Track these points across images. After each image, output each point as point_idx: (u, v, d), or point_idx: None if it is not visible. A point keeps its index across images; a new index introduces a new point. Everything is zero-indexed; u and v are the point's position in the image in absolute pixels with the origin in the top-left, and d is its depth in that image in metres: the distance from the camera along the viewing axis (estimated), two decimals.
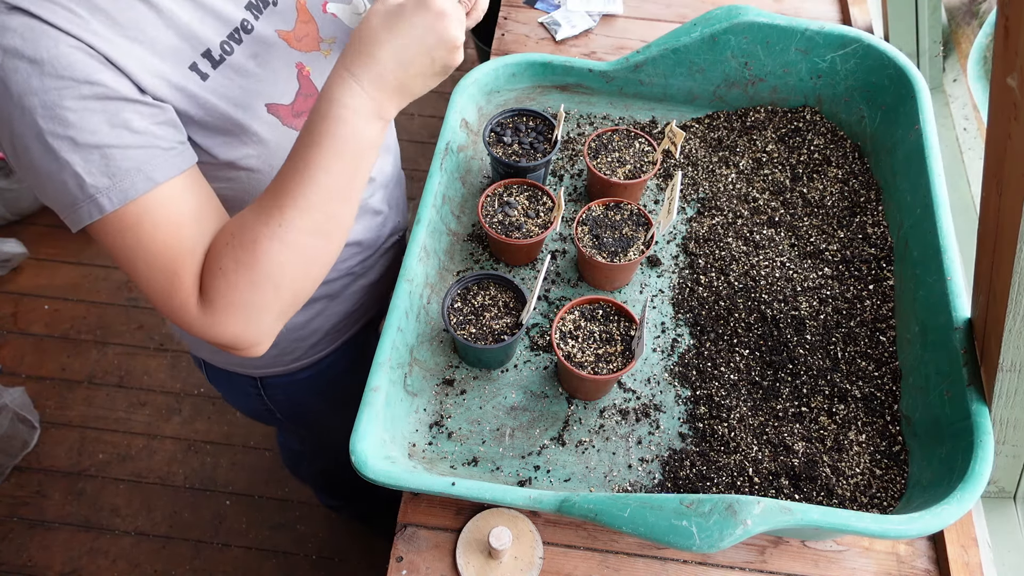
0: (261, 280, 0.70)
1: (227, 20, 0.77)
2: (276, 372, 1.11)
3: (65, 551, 1.92)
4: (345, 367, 1.19)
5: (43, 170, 0.66)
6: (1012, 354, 0.83)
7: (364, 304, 1.13)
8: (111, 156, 0.66)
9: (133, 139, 0.67)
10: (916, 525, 0.76)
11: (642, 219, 1.07)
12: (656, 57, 1.21)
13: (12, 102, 0.64)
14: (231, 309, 0.71)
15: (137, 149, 0.68)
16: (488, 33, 2.26)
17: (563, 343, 0.95)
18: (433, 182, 1.08)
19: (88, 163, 0.66)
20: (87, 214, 0.68)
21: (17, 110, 0.64)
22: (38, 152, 0.65)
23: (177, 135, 0.72)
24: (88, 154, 0.66)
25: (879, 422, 0.95)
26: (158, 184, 0.69)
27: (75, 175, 0.66)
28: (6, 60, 0.63)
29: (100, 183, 0.67)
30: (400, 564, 0.89)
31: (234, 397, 1.22)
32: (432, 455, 0.93)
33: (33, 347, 2.24)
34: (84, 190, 0.67)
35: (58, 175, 0.66)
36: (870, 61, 1.17)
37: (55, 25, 0.64)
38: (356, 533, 1.96)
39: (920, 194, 1.04)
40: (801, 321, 1.03)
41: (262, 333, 0.74)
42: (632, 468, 0.93)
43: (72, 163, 0.65)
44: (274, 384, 1.14)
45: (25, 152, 0.66)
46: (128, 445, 2.08)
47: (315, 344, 1.10)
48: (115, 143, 0.66)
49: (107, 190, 0.67)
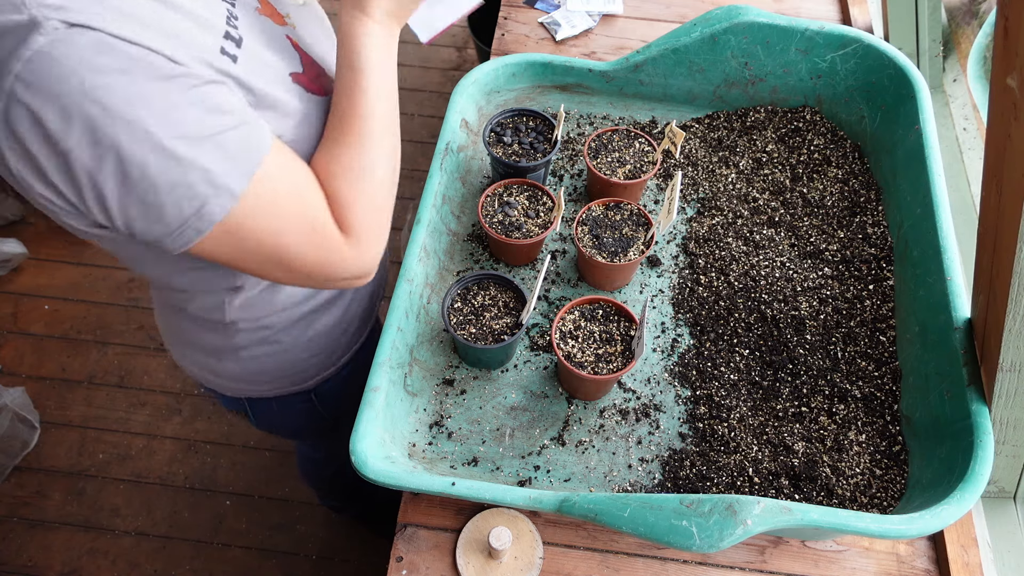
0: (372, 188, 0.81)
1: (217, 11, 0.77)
2: (327, 375, 1.11)
3: (65, 551, 1.92)
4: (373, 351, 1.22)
5: (164, 182, 0.64)
6: (1012, 354, 0.83)
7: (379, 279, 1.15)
8: (223, 141, 0.67)
9: (230, 119, 0.68)
10: (916, 525, 0.76)
11: (642, 219, 1.07)
12: (656, 57, 1.21)
13: (117, 121, 0.60)
14: (369, 226, 0.81)
15: (236, 128, 0.68)
16: (488, 33, 2.26)
17: (563, 343, 0.95)
18: (433, 182, 1.08)
19: (209, 153, 0.65)
20: (220, 208, 0.67)
21: (124, 127, 0.61)
22: (156, 163, 0.63)
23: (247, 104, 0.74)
24: (205, 146, 0.65)
25: (879, 422, 0.95)
26: (266, 153, 0.71)
27: (202, 169, 0.65)
28: (95, 79, 0.59)
29: (226, 168, 0.67)
30: (400, 564, 0.89)
31: (284, 421, 1.20)
32: (432, 455, 0.93)
33: (33, 347, 2.24)
34: (213, 182, 0.66)
35: (183, 179, 0.64)
36: (870, 61, 1.18)
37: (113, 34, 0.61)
38: (356, 533, 1.96)
39: (920, 194, 1.04)
40: (801, 321, 1.03)
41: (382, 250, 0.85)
42: (632, 468, 0.93)
43: (195, 159, 0.64)
44: (325, 390, 1.14)
45: (141, 171, 0.63)
46: (128, 445, 2.08)
47: (353, 333, 1.11)
48: (219, 128, 0.67)
49: (235, 173, 0.67)
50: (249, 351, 1.00)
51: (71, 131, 0.60)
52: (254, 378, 1.06)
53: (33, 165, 0.63)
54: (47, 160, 0.62)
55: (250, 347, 0.99)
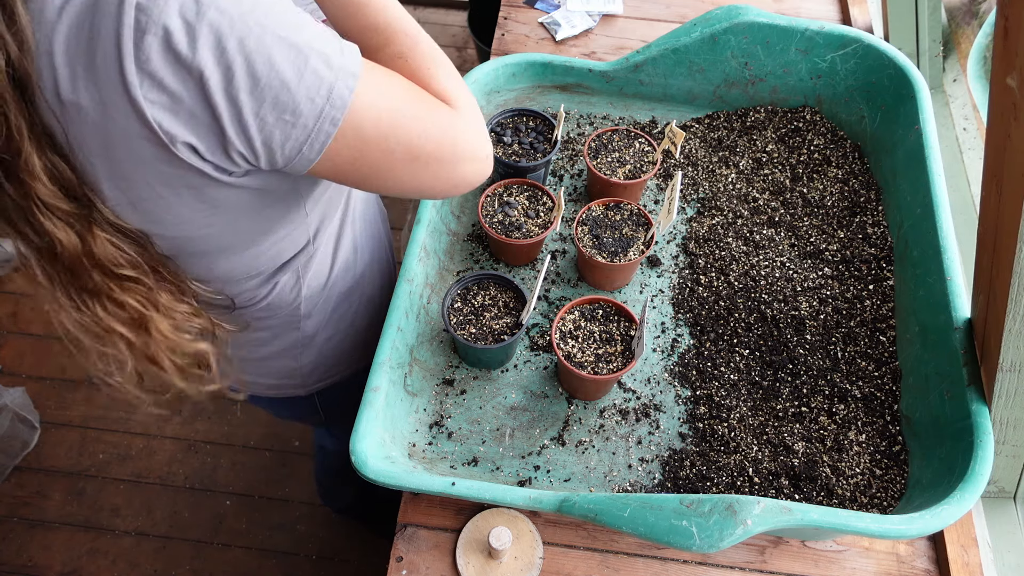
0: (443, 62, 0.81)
1: None
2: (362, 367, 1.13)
3: (65, 551, 1.92)
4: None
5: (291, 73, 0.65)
6: (1012, 354, 0.83)
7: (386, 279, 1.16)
8: (326, 34, 0.69)
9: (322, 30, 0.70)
10: (916, 525, 0.76)
11: (642, 219, 1.07)
12: (656, 57, 1.21)
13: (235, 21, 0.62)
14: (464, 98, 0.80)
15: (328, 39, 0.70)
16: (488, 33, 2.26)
17: (563, 343, 0.95)
18: None
19: (319, 41, 0.67)
20: (346, 88, 0.68)
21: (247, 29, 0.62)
22: (281, 54, 0.64)
23: None
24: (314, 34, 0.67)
25: (879, 422, 0.95)
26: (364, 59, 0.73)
27: (320, 54, 0.66)
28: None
29: (336, 49, 0.68)
30: (400, 564, 0.89)
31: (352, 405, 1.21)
32: (432, 455, 0.93)
33: (33, 347, 2.24)
34: (332, 64, 0.67)
35: (306, 65, 0.66)
36: (870, 61, 1.18)
37: None
38: (356, 533, 1.96)
39: (920, 194, 1.04)
40: (801, 321, 1.03)
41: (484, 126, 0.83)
42: (632, 468, 0.93)
43: (312, 44, 0.66)
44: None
45: (268, 66, 0.64)
46: (128, 445, 2.08)
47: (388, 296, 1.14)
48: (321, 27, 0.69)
49: (347, 53, 0.69)
50: (321, 335, 1.03)
51: (199, 44, 0.61)
52: (329, 363, 1.09)
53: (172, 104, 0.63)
54: (184, 90, 0.63)
55: (321, 331, 1.02)
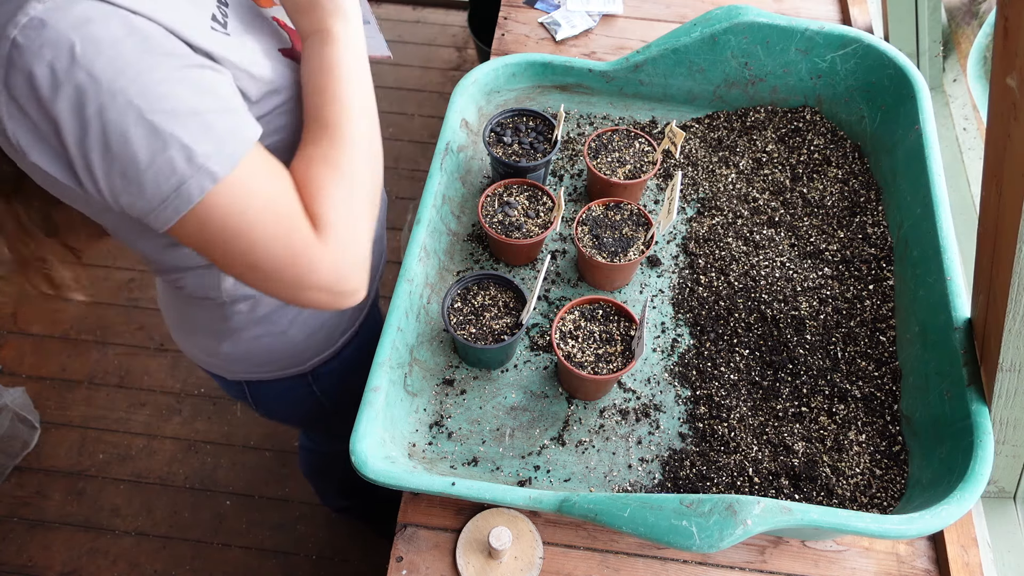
0: (352, 186, 0.77)
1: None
2: (326, 357, 1.12)
3: (65, 551, 1.92)
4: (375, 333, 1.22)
5: (144, 157, 0.64)
6: (1012, 354, 0.83)
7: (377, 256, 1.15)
8: (210, 122, 0.66)
9: (221, 103, 0.68)
10: (916, 525, 0.76)
11: (642, 219, 1.07)
12: (656, 57, 1.21)
13: (102, 91, 0.61)
14: (344, 223, 0.76)
15: (226, 112, 0.68)
16: (488, 33, 2.26)
17: (563, 343, 0.95)
18: (433, 182, 1.08)
19: (191, 132, 0.65)
20: (198, 189, 0.66)
21: (108, 98, 0.62)
22: (138, 135, 0.63)
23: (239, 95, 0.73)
24: (189, 122, 0.65)
25: (879, 422, 0.95)
26: (253, 144, 0.70)
27: (182, 147, 0.64)
28: (85, 48, 0.60)
29: (208, 150, 0.66)
30: (400, 564, 0.89)
31: (283, 407, 1.22)
32: (432, 455, 0.93)
33: (33, 347, 2.24)
34: (193, 161, 0.65)
35: (162, 155, 0.64)
36: (870, 61, 1.18)
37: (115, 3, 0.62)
38: (356, 533, 1.96)
39: (920, 194, 1.04)
40: (801, 321, 1.03)
41: (366, 255, 0.79)
42: (632, 468, 0.93)
43: (177, 135, 0.64)
44: (323, 373, 1.15)
45: (122, 142, 0.63)
46: (128, 445, 2.08)
47: (350, 315, 1.12)
48: (210, 109, 0.66)
49: (216, 156, 0.66)
50: (247, 332, 1.01)
51: (60, 96, 0.61)
52: (253, 359, 1.06)
53: (29, 130, 0.63)
54: (41, 124, 0.63)
55: (247, 328, 1.00)
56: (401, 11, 3.13)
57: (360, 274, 0.78)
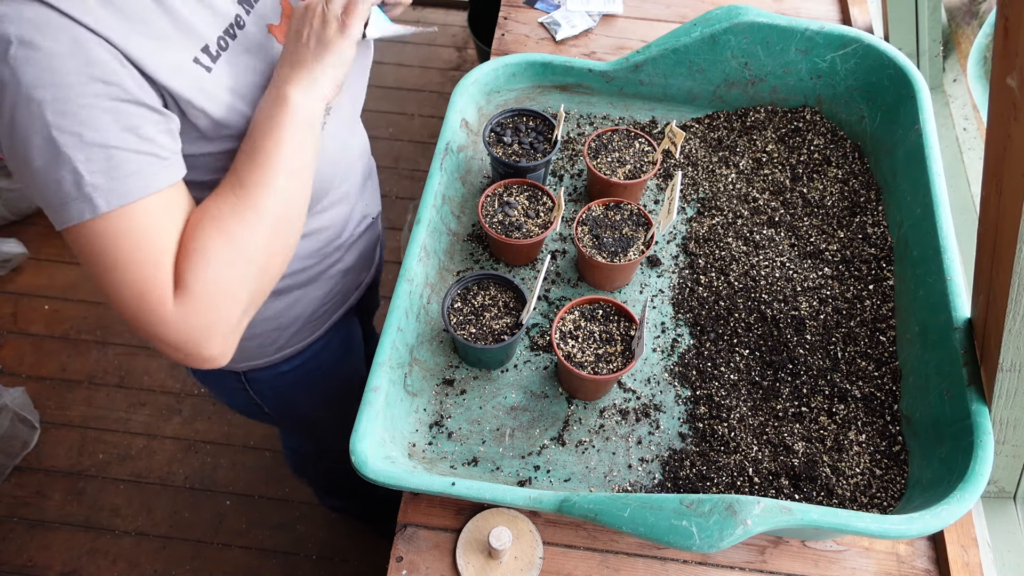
0: (236, 257, 0.74)
1: (223, 15, 0.78)
2: (259, 365, 1.11)
3: (65, 551, 1.92)
4: (330, 359, 1.20)
5: (39, 164, 0.65)
6: (1012, 354, 0.83)
7: (341, 290, 1.13)
8: (115, 157, 0.67)
9: (139, 144, 0.68)
10: (916, 525, 0.76)
11: (642, 219, 1.07)
12: (656, 57, 1.21)
13: (20, 93, 0.63)
14: (208, 291, 0.73)
15: (141, 155, 0.68)
16: (488, 33, 2.26)
17: (563, 343, 0.95)
18: (433, 182, 1.08)
19: (91, 161, 0.66)
20: (77, 213, 0.67)
21: (23, 101, 0.63)
22: (38, 145, 0.65)
23: (175, 145, 0.73)
24: (92, 152, 0.66)
25: (879, 422, 0.95)
26: (152, 192, 0.70)
27: (74, 171, 0.65)
28: (19, 50, 0.62)
29: (98, 182, 0.66)
30: (400, 564, 0.89)
31: (224, 394, 1.22)
32: (432, 455, 0.93)
33: (33, 347, 2.24)
34: (80, 188, 0.66)
35: (55, 170, 0.65)
36: (870, 61, 1.18)
37: (72, 17, 0.63)
38: (356, 533, 1.96)
39: (920, 194, 1.04)
40: (801, 321, 1.03)
41: (230, 327, 0.76)
42: (632, 468, 0.93)
43: (74, 159, 0.65)
44: (259, 378, 1.14)
45: (23, 144, 0.65)
46: (128, 445, 2.08)
47: (297, 332, 1.10)
48: (121, 145, 0.67)
49: (105, 190, 0.67)
50: None
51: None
52: None
53: None
54: None
55: None
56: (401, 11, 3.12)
57: (214, 343, 0.75)
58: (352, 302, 1.19)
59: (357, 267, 1.15)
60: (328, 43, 0.79)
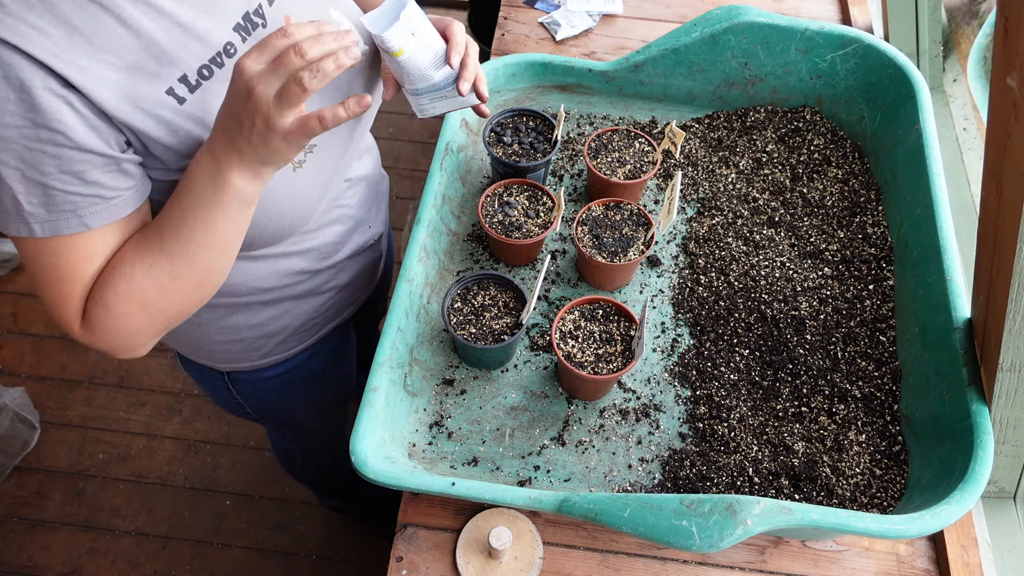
0: (135, 311, 0.78)
1: (211, 44, 0.77)
2: (242, 368, 1.11)
3: (65, 551, 1.92)
4: (319, 368, 1.19)
5: None
6: (1012, 354, 0.83)
7: (334, 305, 1.13)
8: (53, 196, 0.69)
9: (80, 187, 0.70)
10: (916, 525, 0.76)
11: (642, 219, 1.07)
12: (656, 57, 1.21)
13: None
14: (107, 333, 0.78)
15: (80, 196, 0.71)
16: (488, 33, 2.26)
17: (563, 343, 0.95)
18: (433, 182, 1.08)
19: (30, 194, 0.69)
20: (15, 229, 0.71)
21: None
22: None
23: (127, 182, 0.74)
24: (32, 187, 0.68)
25: (879, 422, 0.95)
26: (88, 229, 0.73)
27: (14, 199, 0.69)
28: None
29: (36, 212, 0.70)
30: (400, 564, 0.89)
31: (206, 389, 1.23)
32: (432, 455, 0.93)
33: (33, 347, 2.24)
34: (19, 212, 0.70)
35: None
36: (870, 61, 1.18)
37: (38, 60, 0.64)
38: (356, 533, 1.96)
39: (920, 194, 1.04)
40: (801, 321, 1.03)
41: (137, 347, 0.82)
42: (632, 468, 0.93)
43: (15, 190, 0.68)
44: (241, 380, 1.14)
45: None
46: (128, 445, 2.08)
47: (283, 342, 1.10)
48: (60, 187, 0.69)
49: (41, 220, 0.70)
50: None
51: None
52: (171, 333, 1.04)
53: None
54: None
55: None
56: None
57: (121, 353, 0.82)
58: (345, 317, 1.19)
59: (353, 285, 1.14)
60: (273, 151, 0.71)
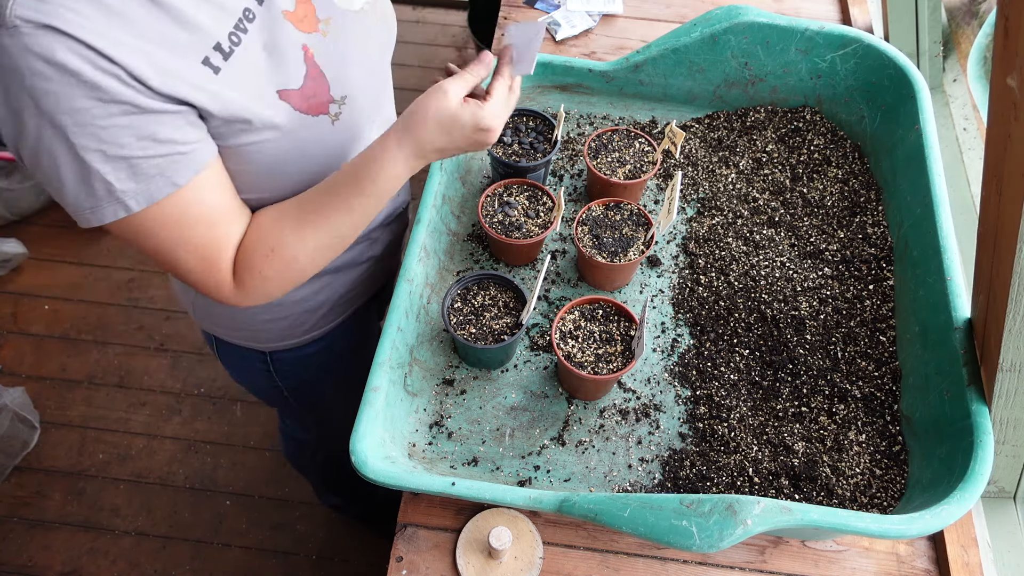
0: (289, 281, 0.88)
1: (231, 10, 0.78)
2: (286, 346, 1.14)
3: (65, 551, 1.92)
4: (351, 345, 1.22)
5: (69, 178, 0.71)
6: (1012, 354, 0.83)
7: (370, 276, 1.15)
8: (137, 165, 0.72)
9: (157, 148, 0.73)
10: (916, 525, 0.76)
11: (642, 219, 1.07)
12: (656, 57, 1.21)
13: (43, 119, 0.68)
14: (262, 297, 0.87)
15: (161, 157, 0.73)
16: (488, 33, 2.26)
17: (563, 343, 0.95)
18: (433, 182, 1.08)
19: (117, 171, 0.72)
20: (112, 213, 0.74)
21: (47, 126, 0.68)
22: (66, 161, 0.70)
23: (197, 133, 0.77)
24: (117, 164, 0.71)
25: (879, 422, 0.95)
26: (178, 188, 0.76)
27: (104, 181, 0.72)
28: (36, 81, 0.66)
29: (128, 187, 0.73)
30: (400, 564, 0.89)
31: (243, 374, 1.25)
32: (432, 455, 0.93)
33: (33, 347, 2.24)
34: (112, 193, 0.73)
35: (86, 182, 0.72)
36: (870, 61, 1.17)
37: (83, 41, 0.66)
38: (356, 533, 1.96)
39: (920, 194, 1.04)
40: (801, 321, 1.03)
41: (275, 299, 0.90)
42: (632, 468, 0.93)
43: (102, 172, 0.71)
44: (283, 359, 1.16)
45: (50, 159, 0.70)
46: (128, 445, 2.08)
47: (324, 315, 1.12)
48: (141, 154, 0.72)
49: (134, 193, 0.74)
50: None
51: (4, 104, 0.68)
52: (214, 318, 1.10)
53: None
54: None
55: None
56: (401, 11, 3.12)
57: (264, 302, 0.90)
58: (376, 289, 1.21)
59: (385, 255, 1.17)
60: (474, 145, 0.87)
